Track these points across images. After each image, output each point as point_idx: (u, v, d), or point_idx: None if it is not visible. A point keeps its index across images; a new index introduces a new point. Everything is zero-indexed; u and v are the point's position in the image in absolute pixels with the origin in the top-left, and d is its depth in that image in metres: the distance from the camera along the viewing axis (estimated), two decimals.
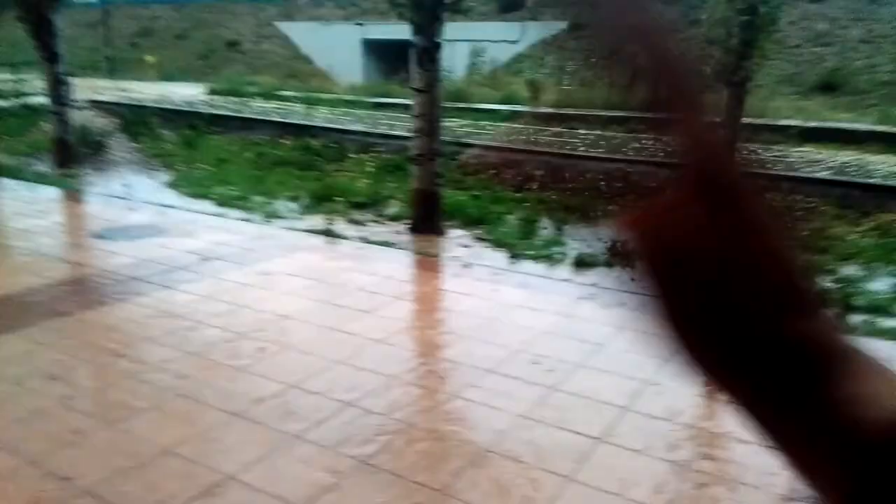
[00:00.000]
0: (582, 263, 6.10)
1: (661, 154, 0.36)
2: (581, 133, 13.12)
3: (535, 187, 9.81)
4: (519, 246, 6.72)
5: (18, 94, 16.58)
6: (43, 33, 9.68)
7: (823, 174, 9.95)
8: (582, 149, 11.51)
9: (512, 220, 7.77)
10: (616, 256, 0.36)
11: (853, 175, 10.23)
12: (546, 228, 7.48)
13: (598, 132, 12.26)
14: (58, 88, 9.93)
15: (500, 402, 3.52)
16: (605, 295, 5.17)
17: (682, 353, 0.36)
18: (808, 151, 11.73)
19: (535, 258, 6.41)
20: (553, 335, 4.42)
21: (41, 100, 11.88)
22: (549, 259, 6.35)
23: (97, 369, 4.04)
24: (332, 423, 3.35)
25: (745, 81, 4.90)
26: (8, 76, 18.51)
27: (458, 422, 3.44)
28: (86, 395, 3.71)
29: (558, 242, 6.90)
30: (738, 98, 4.92)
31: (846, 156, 11.66)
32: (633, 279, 0.36)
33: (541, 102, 15.41)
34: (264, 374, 3.86)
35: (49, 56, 9.80)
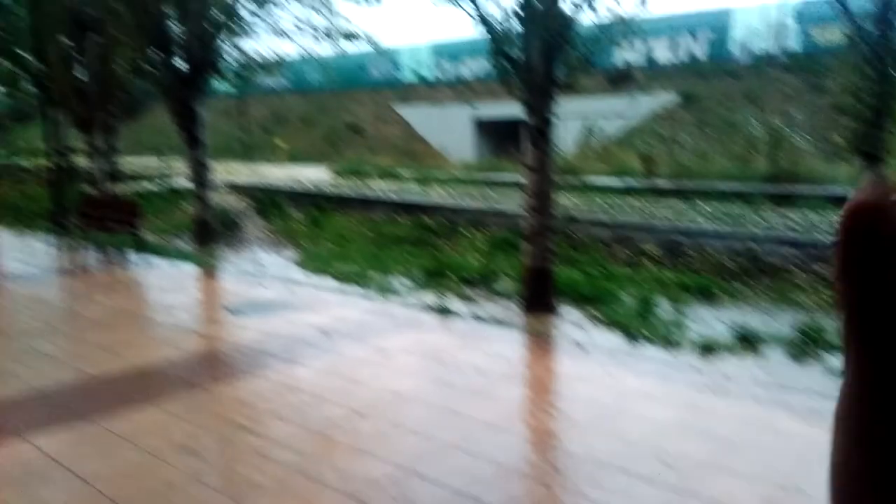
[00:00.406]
0: (707, 348, 5.78)
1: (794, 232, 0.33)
2: (699, 206, 12.69)
3: (650, 264, 9.54)
4: (636, 327, 6.49)
5: (163, 177, 18.33)
6: (186, 121, 10.70)
7: None
8: (701, 222, 11.13)
9: (627, 298, 7.54)
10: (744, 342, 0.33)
11: None
12: (664, 308, 7.19)
13: (718, 205, 11.81)
14: (199, 171, 10.86)
15: None
16: (736, 385, 4.84)
17: None
18: None
19: (653, 341, 6.14)
20: (679, 429, 4.17)
21: (183, 181, 13.05)
22: (670, 342, 6.06)
23: (226, 444, 4.22)
24: None
25: (879, 151, 4.61)
26: (154, 160, 20.56)
27: None
28: (214, 469, 3.87)
29: (678, 324, 6.60)
30: (873, 169, 4.62)
31: None
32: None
33: (654, 175, 15.13)
34: (380, 454, 3.88)
35: (191, 141, 10.78)
